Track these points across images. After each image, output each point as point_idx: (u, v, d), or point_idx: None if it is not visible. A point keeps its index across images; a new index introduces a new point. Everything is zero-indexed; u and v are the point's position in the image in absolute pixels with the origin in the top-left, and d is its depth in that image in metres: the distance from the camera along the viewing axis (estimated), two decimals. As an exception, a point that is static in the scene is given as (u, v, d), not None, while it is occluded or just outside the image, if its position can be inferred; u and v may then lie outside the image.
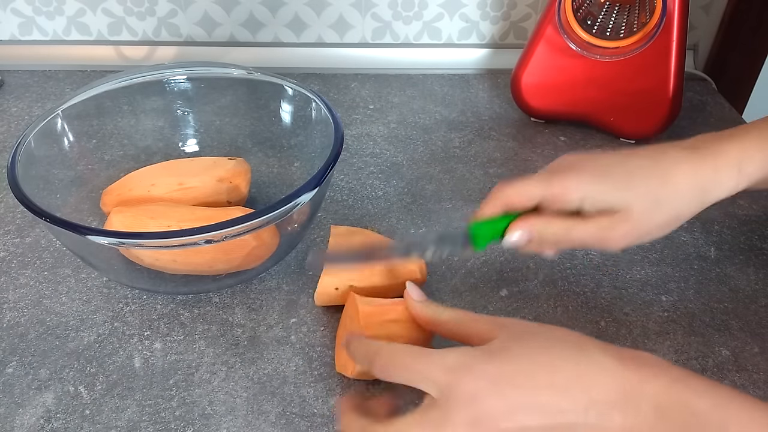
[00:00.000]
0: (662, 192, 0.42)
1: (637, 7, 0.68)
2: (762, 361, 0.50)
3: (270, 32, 0.88)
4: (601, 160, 0.43)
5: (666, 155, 0.43)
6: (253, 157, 0.65)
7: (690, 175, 0.42)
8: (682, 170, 0.42)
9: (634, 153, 0.44)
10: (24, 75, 0.85)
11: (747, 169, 0.42)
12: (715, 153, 0.43)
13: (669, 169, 0.42)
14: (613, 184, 0.42)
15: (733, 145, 0.43)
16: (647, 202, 0.42)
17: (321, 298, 0.51)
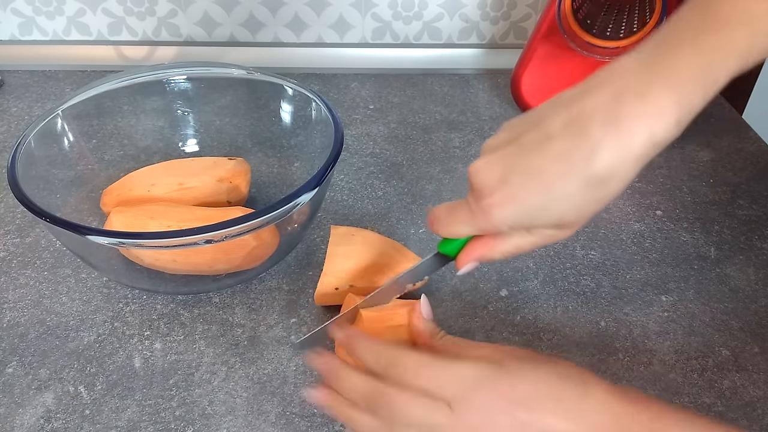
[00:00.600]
0: (590, 191, 0.35)
1: (637, 7, 0.68)
2: (762, 361, 0.50)
3: (270, 32, 0.88)
4: (517, 169, 0.36)
5: (584, 137, 0.34)
6: (253, 157, 0.65)
7: (618, 153, 0.34)
8: (605, 156, 0.34)
9: (548, 135, 0.36)
10: (24, 75, 0.85)
11: (684, 120, 0.34)
12: (644, 113, 0.34)
13: (589, 163, 0.34)
14: (537, 206, 0.36)
15: (671, 96, 0.34)
16: (578, 207, 0.36)
17: (321, 298, 0.51)
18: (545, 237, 0.40)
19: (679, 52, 0.35)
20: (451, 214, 0.40)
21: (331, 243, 0.51)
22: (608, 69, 0.36)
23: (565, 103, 0.36)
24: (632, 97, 0.33)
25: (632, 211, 0.64)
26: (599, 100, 0.34)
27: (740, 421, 0.45)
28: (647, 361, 0.49)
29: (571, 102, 0.36)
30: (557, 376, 0.37)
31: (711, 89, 0.34)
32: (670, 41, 0.35)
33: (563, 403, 0.36)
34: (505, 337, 0.51)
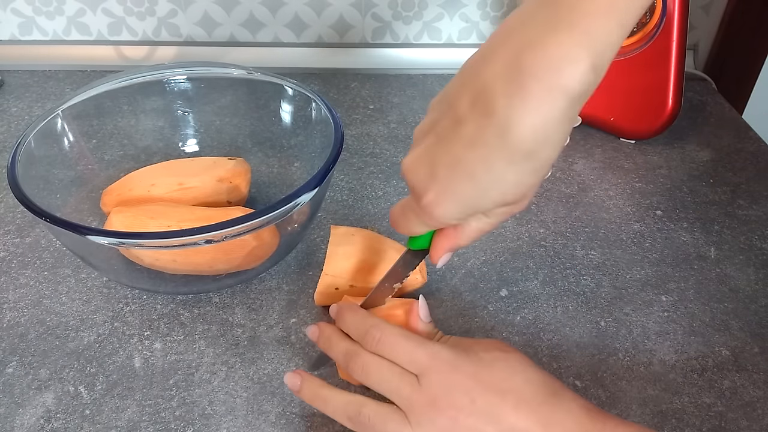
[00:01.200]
0: (520, 166, 0.31)
1: (637, 7, 0.68)
2: (762, 361, 0.50)
3: (270, 32, 0.88)
4: (441, 161, 0.33)
5: (491, 113, 0.30)
6: (253, 157, 0.65)
7: (533, 121, 0.29)
8: (520, 129, 0.29)
9: (458, 118, 0.32)
10: (24, 75, 0.85)
11: (603, 60, 0.30)
12: (551, 67, 0.29)
13: (505, 140, 0.30)
14: (472, 196, 0.33)
15: (578, 37, 0.28)
16: (516, 184, 0.32)
17: (321, 297, 0.51)
18: (501, 215, 0.37)
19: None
20: (404, 214, 0.38)
21: (331, 243, 0.51)
22: (504, 24, 0.31)
23: (467, 77, 0.32)
24: (531, 51, 0.28)
25: (632, 211, 0.64)
26: (498, 66, 0.29)
27: (740, 421, 0.45)
28: (647, 361, 0.49)
29: (472, 75, 0.31)
30: (529, 379, 0.38)
31: (629, 17, 0.29)
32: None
33: (527, 404, 0.36)
34: (505, 337, 0.51)
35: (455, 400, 0.37)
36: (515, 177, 0.32)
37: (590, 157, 0.72)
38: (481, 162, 0.31)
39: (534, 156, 0.30)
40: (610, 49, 0.29)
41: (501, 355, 0.39)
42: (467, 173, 0.32)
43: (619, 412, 0.46)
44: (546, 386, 0.38)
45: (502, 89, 0.29)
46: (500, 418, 0.36)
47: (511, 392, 0.37)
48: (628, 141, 0.75)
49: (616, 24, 0.29)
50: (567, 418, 0.36)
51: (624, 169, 0.71)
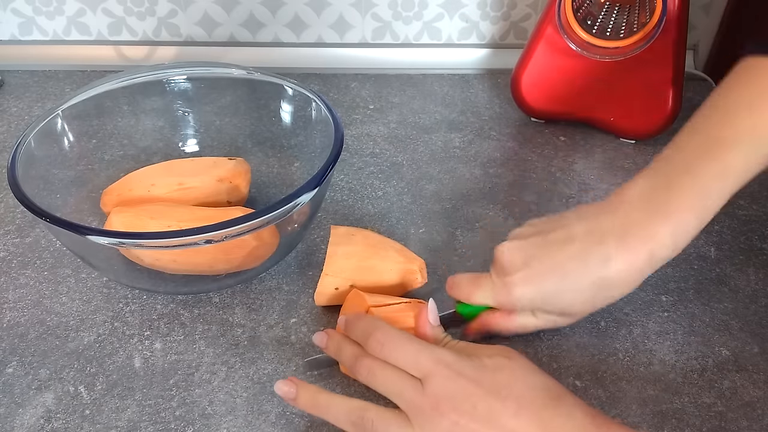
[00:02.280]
0: (598, 294, 0.44)
1: (637, 7, 0.68)
2: (762, 361, 0.50)
3: (270, 32, 0.88)
4: (540, 258, 0.44)
5: (600, 246, 0.42)
6: (253, 157, 0.65)
7: (625, 266, 0.42)
8: (615, 265, 0.42)
9: (571, 237, 0.43)
10: (24, 75, 0.85)
11: (681, 244, 0.42)
12: (649, 238, 0.41)
13: (601, 267, 0.42)
14: (552, 291, 0.44)
15: (667, 227, 0.41)
16: (585, 300, 0.44)
17: (321, 298, 0.51)
18: (548, 321, 0.46)
19: (677, 184, 0.41)
20: (474, 283, 0.47)
21: (331, 243, 0.51)
22: (618, 196, 0.44)
23: (587, 216, 0.44)
24: (636, 226, 0.41)
25: (632, 211, 0.64)
26: (612, 222, 0.42)
27: (740, 421, 0.45)
28: (647, 361, 0.49)
29: (592, 217, 0.43)
30: (531, 385, 0.38)
31: (707, 213, 0.41)
32: (669, 172, 0.42)
33: (528, 409, 0.37)
34: (505, 337, 0.51)
35: (457, 405, 0.37)
36: (589, 295, 0.43)
37: (590, 157, 0.72)
38: (575, 271, 0.42)
39: (611, 288, 0.43)
40: (687, 236, 0.41)
41: (505, 362, 0.39)
42: (560, 274, 0.43)
43: (619, 412, 0.46)
44: (548, 391, 0.38)
45: (614, 236, 0.42)
46: (501, 423, 0.36)
47: (512, 398, 0.37)
48: (628, 141, 0.75)
49: (695, 219, 0.41)
50: (568, 422, 0.36)
51: (624, 169, 0.71)
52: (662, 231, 0.41)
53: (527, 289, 0.44)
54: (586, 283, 0.42)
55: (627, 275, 0.42)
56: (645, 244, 0.41)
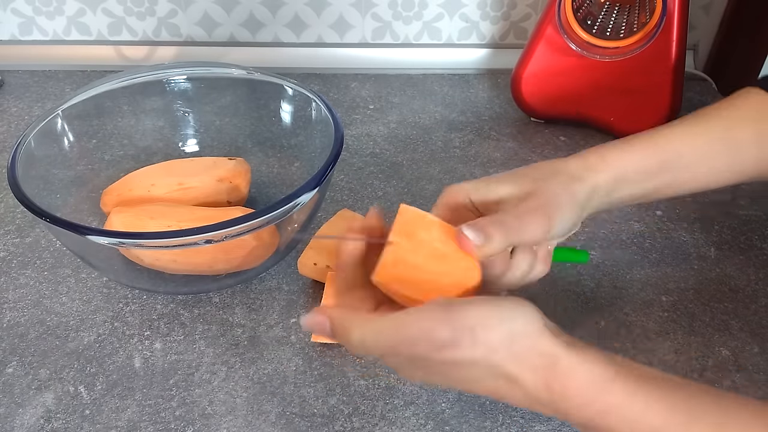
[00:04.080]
0: (546, 170, 0.42)
1: (637, 7, 0.68)
2: (762, 361, 0.50)
3: (270, 32, 0.88)
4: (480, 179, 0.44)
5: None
6: (253, 157, 0.65)
7: (562, 162, 0.43)
8: (555, 161, 0.43)
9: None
10: (24, 75, 0.85)
11: (610, 158, 0.43)
12: (579, 153, 0.44)
13: (544, 163, 0.44)
14: (501, 178, 0.43)
15: (595, 148, 0.44)
16: (539, 180, 0.41)
17: (302, 268, 0.52)
18: (517, 202, 0.42)
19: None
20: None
21: (329, 222, 0.51)
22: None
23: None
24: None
25: (632, 211, 0.64)
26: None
27: (740, 421, 0.45)
28: (647, 361, 0.49)
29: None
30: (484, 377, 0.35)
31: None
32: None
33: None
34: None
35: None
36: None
37: (590, 157, 0.72)
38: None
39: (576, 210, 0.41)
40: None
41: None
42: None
43: (619, 412, 0.46)
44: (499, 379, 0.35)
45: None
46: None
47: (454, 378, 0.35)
48: (628, 141, 0.75)
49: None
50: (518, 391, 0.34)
51: (624, 169, 0.71)
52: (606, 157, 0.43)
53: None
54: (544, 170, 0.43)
55: (575, 167, 0.43)
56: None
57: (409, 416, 0.45)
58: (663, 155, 0.43)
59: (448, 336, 0.33)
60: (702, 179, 0.45)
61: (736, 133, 0.44)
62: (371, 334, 0.34)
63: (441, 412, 0.45)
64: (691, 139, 0.44)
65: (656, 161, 0.43)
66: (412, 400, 0.46)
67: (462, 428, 0.44)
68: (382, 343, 0.34)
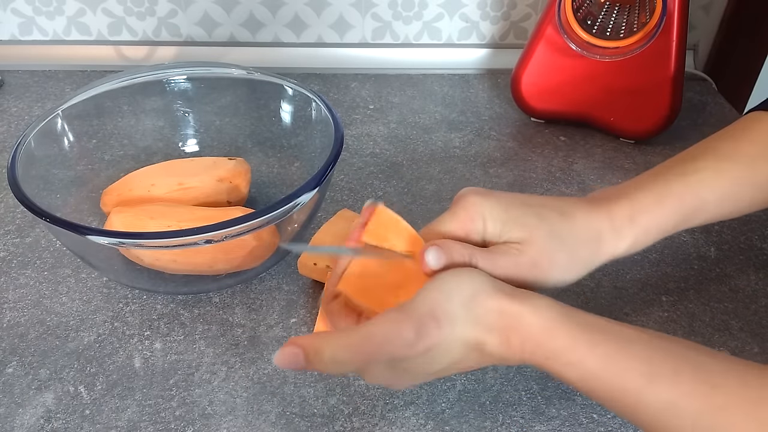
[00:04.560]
0: (559, 225, 0.39)
1: (637, 7, 0.68)
2: (762, 361, 0.49)
3: (270, 32, 0.88)
4: (502, 194, 0.41)
5: (564, 198, 0.42)
6: (253, 157, 0.65)
7: (585, 215, 0.40)
8: (579, 209, 0.40)
9: (534, 195, 0.43)
10: (24, 75, 0.85)
11: (640, 221, 0.41)
12: (609, 202, 0.41)
13: (566, 206, 0.41)
14: (513, 211, 0.40)
15: (625, 199, 0.41)
16: (546, 232, 0.39)
17: (302, 268, 0.52)
18: (504, 254, 0.40)
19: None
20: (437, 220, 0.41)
21: (329, 222, 0.51)
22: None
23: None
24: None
25: (632, 211, 0.64)
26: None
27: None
28: (647, 361, 0.49)
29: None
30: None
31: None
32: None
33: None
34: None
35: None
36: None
37: (590, 157, 0.72)
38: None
39: (576, 264, 0.40)
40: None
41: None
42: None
43: (619, 412, 0.46)
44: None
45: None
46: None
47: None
48: (628, 141, 0.75)
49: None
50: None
51: (624, 169, 0.71)
52: (621, 201, 0.41)
53: (485, 203, 0.39)
54: (547, 219, 0.39)
55: (584, 226, 0.40)
56: (605, 204, 0.41)
57: (409, 416, 0.45)
58: (690, 206, 0.42)
59: (413, 329, 0.34)
60: (724, 215, 0.44)
61: (759, 171, 0.43)
62: (341, 349, 0.35)
63: (441, 412, 0.45)
64: (717, 184, 0.43)
65: (683, 215, 0.43)
66: (412, 400, 0.46)
67: (462, 428, 0.44)
68: (355, 356, 0.35)
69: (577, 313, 0.35)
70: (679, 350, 0.33)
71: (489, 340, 0.35)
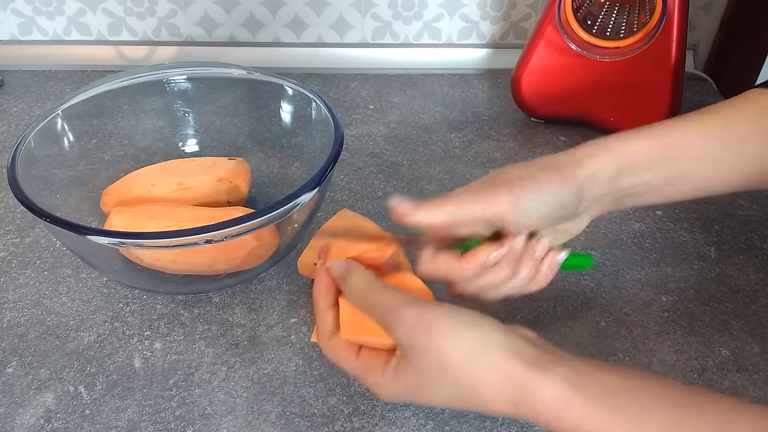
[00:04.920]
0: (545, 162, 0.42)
1: (637, 7, 0.68)
2: (762, 361, 0.50)
3: (270, 32, 0.88)
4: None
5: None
6: (253, 157, 0.65)
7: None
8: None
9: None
10: (24, 75, 0.85)
11: (610, 147, 0.43)
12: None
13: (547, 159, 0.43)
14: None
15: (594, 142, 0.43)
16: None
17: (302, 268, 0.52)
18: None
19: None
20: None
21: (329, 222, 0.51)
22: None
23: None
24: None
25: (632, 211, 0.64)
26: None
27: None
28: (647, 361, 0.49)
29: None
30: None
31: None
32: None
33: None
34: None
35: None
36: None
37: (590, 157, 0.72)
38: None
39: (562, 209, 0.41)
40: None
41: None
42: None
43: (619, 412, 0.45)
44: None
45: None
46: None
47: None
48: (628, 141, 0.75)
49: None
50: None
51: (624, 169, 0.71)
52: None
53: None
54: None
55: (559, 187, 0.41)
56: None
57: (409, 416, 0.45)
58: (666, 145, 0.43)
59: (404, 331, 0.35)
60: (708, 176, 0.44)
61: (739, 131, 0.43)
62: (362, 287, 0.38)
63: (441, 412, 0.45)
64: (693, 134, 0.43)
65: (660, 151, 0.43)
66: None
67: (462, 428, 0.44)
68: (364, 301, 0.38)
69: (593, 374, 0.34)
70: (709, 410, 0.32)
71: (493, 399, 0.34)
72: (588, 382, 0.33)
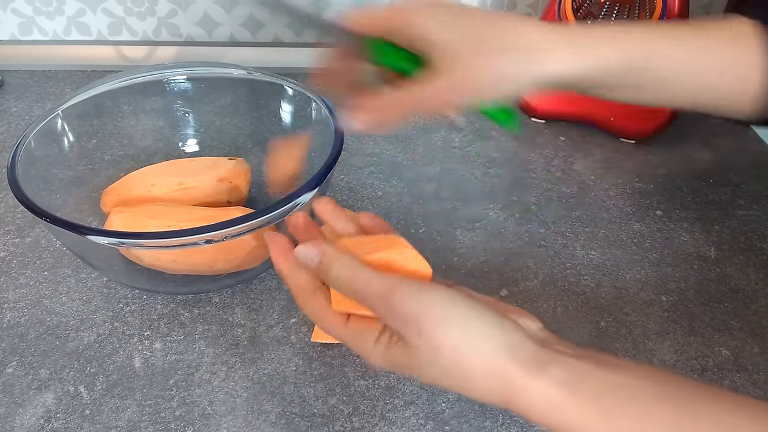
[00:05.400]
0: (493, 34, 0.39)
1: (637, 7, 0.68)
2: (762, 361, 0.50)
3: (270, 32, 0.88)
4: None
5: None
6: (253, 157, 0.65)
7: (528, 31, 0.39)
8: (525, 25, 0.40)
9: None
10: (24, 75, 0.85)
11: (581, 41, 0.40)
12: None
13: (508, 20, 0.40)
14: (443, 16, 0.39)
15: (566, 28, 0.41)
16: (474, 39, 0.39)
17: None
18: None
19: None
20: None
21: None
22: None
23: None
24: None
25: (632, 211, 0.64)
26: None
27: (740, 421, 0.45)
28: (647, 362, 0.49)
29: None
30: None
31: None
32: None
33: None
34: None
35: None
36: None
37: (590, 157, 0.72)
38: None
39: (504, 81, 0.39)
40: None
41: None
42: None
43: (619, 412, 0.45)
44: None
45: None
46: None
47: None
48: (628, 141, 0.75)
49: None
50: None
51: (624, 169, 0.71)
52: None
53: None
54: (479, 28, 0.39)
55: (523, 41, 0.39)
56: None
57: (409, 416, 0.45)
58: (643, 49, 0.41)
59: (399, 323, 0.33)
60: (679, 87, 0.43)
61: (715, 46, 0.43)
62: (345, 275, 0.35)
63: (441, 412, 0.45)
64: (677, 45, 0.42)
65: (637, 54, 0.41)
66: (412, 400, 0.46)
67: (462, 428, 0.44)
68: (351, 287, 0.35)
69: (591, 373, 0.33)
70: (708, 410, 0.31)
71: (479, 390, 0.33)
72: (584, 384, 0.32)
